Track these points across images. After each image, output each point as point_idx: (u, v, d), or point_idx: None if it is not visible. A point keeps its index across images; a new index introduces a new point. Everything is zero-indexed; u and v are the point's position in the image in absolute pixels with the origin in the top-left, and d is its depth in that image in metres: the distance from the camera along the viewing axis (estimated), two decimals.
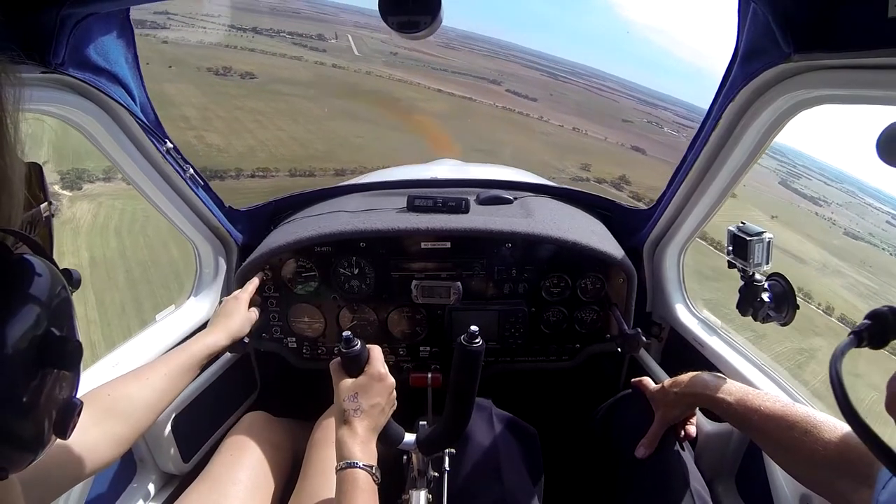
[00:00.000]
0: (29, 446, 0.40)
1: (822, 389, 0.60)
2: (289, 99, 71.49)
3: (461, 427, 1.05)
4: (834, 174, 50.58)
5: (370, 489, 0.89)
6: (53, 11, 0.86)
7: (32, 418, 0.40)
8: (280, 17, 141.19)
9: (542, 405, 1.69)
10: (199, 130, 47.39)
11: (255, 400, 1.76)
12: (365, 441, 0.94)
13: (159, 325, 1.49)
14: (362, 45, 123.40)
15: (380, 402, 0.98)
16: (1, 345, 0.36)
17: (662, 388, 1.14)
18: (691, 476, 1.06)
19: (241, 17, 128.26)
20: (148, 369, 1.05)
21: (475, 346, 0.95)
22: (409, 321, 1.61)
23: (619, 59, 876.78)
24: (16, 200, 0.42)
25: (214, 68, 79.18)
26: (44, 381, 0.41)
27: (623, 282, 1.56)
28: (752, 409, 0.97)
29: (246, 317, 1.32)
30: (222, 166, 40.67)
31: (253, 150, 47.00)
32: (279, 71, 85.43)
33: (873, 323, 0.55)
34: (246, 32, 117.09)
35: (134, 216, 15.13)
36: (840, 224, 43.36)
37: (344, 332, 0.99)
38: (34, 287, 0.40)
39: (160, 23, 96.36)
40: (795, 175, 52.89)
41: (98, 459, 0.87)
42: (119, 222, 15.51)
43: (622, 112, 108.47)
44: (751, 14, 0.94)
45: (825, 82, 0.92)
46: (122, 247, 13.57)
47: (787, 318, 1.07)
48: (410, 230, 1.50)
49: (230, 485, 1.14)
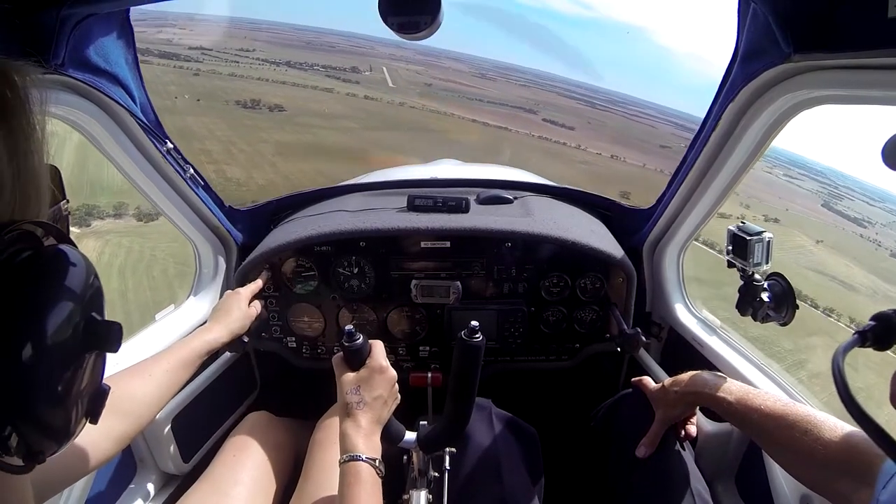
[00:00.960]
0: (64, 431, 0.42)
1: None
2: (317, 131, 71.20)
3: (462, 424, 1.05)
4: (877, 193, 50.10)
5: (373, 482, 0.89)
6: (53, 11, 0.86)
7: (70, 403, 0.42)
8: (315, 51, 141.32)
9: (542, 405, 1.69)
10: (220, 164, 47.00)
11: (255, 400, 1.76)
12: (368, 434, 0.94)
13: (159, 325, 1.49)
14: (397, 76, 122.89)
15: (382, 394, 0.98)
16: (49, 331, 0.38)
17: (662, 387, 1.14)
18: (691, 476, 1.06)
19: (275, 52, 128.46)
20: (148, 364, 1.05)
21: (475, 340, 0.95)
22: (409, 321, 1.61)
23: (657, 86, 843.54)
24: (43, 197, 0.43)
25: (243, 101, 79.93)
26: (84, 366, 0.43)
27: (623, 281, 1.56)
28: (752, 409, 0.97)
29: (246, 313, 1.32)
30: (240, 200, 40.57)
31: (274, 183, 46.55)
32: (309, 103, 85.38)
33: (878, 324, 0.56)
34: (279, 66, 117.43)
35: (141, 255, 15.06)
36: (885, 245, 42.74)
37: (346, 327, 0.99)
38: (73, 275, 0.42)
39: (194, 57, 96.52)
40: (838, 196, 52.14)
41: (99, 456, 0.88)
42: (124, 261, 15.46)
43: (660, 138, 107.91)
44: (751, 14, 0.94)
45: (825, 82, 0.92)
46: (124, 288, 13.54)
47: (787, 318, 1.07)
48: (410, 230, 1.50)
49: (232, 485, 1.15)
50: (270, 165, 52.34)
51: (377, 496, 0.90)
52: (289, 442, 1.36)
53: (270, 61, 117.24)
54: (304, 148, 61.88)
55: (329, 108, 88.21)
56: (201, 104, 72.11)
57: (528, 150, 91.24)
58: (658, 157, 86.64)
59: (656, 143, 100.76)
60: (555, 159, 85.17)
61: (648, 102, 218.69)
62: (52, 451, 0.41)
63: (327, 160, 55.09)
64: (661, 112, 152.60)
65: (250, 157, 53.89)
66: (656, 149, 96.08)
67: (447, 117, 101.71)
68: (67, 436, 0.42)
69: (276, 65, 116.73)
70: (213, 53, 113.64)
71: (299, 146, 61.91)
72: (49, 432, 0.40)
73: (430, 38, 0.87)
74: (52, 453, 0.41)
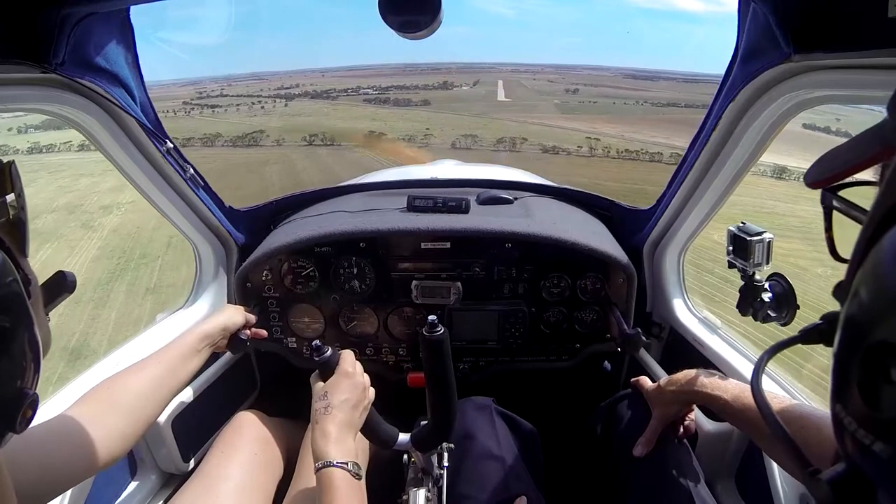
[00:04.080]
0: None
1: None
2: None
3: (450, 418, 1.05)
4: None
5: (349, 486, 0.89)
6: (53, 11, 0.86)
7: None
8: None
9: (543, 405, 1.69)
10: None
11: (255, 400, 1.76)
12: (338, 439, 0.93)
13: (159, 326, 1.49)
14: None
15: (349, 397, 0.98)
16: None
17: (658, 386, 1.14)
18: (691, 475, 1.06)
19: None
20: (146, 361, 1.07)
21: (436, 334, 0.97)
22: (409, 321, 1.61)
23: None
24: None
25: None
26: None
27: (623, 282, 1.56)
28: (748, 406, 0.97)
29: (240, 309, 1.32)
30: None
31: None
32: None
33: (825, 323, 0.57)
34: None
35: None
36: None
37: (314, 342, 1.01)
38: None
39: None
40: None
41: (105, 455, 0.88)
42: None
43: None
44: (751, 14, 0.95)
45: (825, 82, 0.92)
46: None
47: (787, 318, 1.07)
48: (410, 230, 1.50)
49: (221, 481, 1.15)
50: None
51: (356, 498, 0.89)
52: (280, 439, 1.36)
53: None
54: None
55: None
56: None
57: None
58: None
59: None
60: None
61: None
62: None
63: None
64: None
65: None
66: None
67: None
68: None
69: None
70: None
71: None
72: None
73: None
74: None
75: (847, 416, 0.33)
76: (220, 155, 74.13)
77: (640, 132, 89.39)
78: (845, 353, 0.34)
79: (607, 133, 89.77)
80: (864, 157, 0.43)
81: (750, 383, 0.50)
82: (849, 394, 0.33)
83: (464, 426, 1.24)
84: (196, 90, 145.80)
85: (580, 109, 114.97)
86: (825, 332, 0.57)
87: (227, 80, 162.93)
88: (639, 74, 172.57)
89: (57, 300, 0.52)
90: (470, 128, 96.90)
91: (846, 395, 0.34)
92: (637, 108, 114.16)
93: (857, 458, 0.34)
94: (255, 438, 1.30)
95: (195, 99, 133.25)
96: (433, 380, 1.02)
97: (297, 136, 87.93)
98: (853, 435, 0.33)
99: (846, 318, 0.35)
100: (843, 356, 0.34)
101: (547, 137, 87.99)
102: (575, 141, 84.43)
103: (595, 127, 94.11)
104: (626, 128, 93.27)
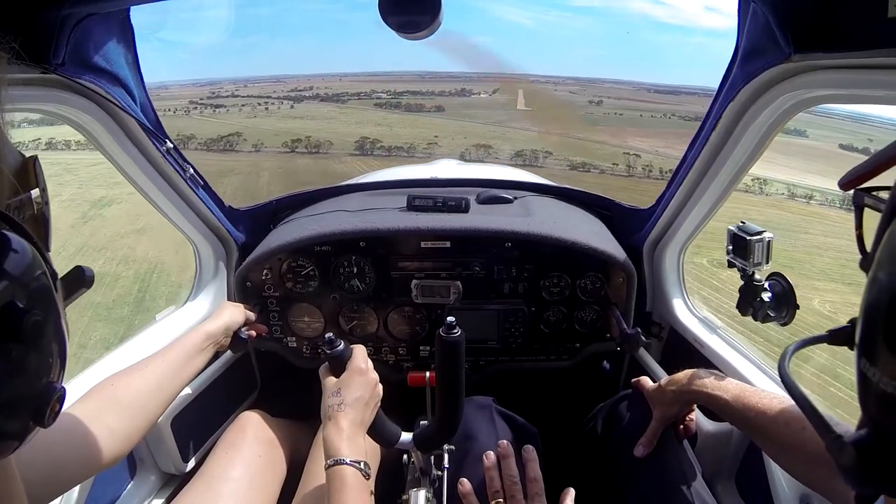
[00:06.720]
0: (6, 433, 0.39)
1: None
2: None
3: (455, 420, 1.05)
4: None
5: (359, 485, 0.89)
6: (53, 11, 0.86)
7: (9, 404, 0.38)
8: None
9: (543, 404, 1.69)
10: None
11: (255, 399, 1.76)
12: (351, 436, 0.93)
13: (159, 325, 1.49)
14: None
15: (362, 395, 0.98)
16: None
17: (659, 386, 1.14)
18: (691, 475, 1.06)
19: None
20: (148, 360, 1.07)
21: (453, 335, 0.96)
22: (409, 321, 1.61)
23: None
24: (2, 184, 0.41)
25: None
26: (19, 359, 0.38)
27: (623, 281, 1.56)
28: (748, 406, 0.97)
29: (240, 308, 1.33)
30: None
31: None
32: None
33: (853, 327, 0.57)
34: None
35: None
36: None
37: (326, 334, 1.01)
38: (8, 261, 0.37)
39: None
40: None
41: (107, 454, 0.88)
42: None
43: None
44: (751, 14, 0.94)
45: (825, 82, 0.92)
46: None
47: (787, 318, 1.07)
48: (410, 230, 1.50)
49: (224, 482, 1.15)
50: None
51: (364, 498, 0.89)
52: (283, 440, 1.36)
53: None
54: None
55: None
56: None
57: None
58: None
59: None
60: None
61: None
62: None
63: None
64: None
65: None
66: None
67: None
68: (14, 438, 0.39)
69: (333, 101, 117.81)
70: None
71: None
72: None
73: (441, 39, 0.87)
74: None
75: (872, 367, 0.34)
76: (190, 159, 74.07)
77: (675, 147, 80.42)
78: (871, 306, 0.36)
79: (640, 148, 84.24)
80: (890, 154, 0.45)
81: (777, 366, 0.51)
82: (875, 346, 0.34)
83: (464, 426, 1.24)
84: (210, 90, 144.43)
85: (606, 122, 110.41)
86: (851, 335, 0.57)
87: (246, 81, 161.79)
88: (661, 88, 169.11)
89: (74, 295, 0.52)
90: (485, 137, 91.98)
91: (872, 348, 0.35)
92: (666, 122, 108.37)
93: (881, 417, 0.35)
94: (259, 439, 1.29)
95: (205, 98, 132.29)
96: (444, 380, 1.01)
97: (278, 142, 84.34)
98: (878, 386, 0.34)
99: (872, 275, 0.36)
100: (869, 310, 0.36)
101: (574, 150, 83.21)
102: (605, 156, 78.68)
103: (625, 141, 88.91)
104: (659, 142, 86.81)
